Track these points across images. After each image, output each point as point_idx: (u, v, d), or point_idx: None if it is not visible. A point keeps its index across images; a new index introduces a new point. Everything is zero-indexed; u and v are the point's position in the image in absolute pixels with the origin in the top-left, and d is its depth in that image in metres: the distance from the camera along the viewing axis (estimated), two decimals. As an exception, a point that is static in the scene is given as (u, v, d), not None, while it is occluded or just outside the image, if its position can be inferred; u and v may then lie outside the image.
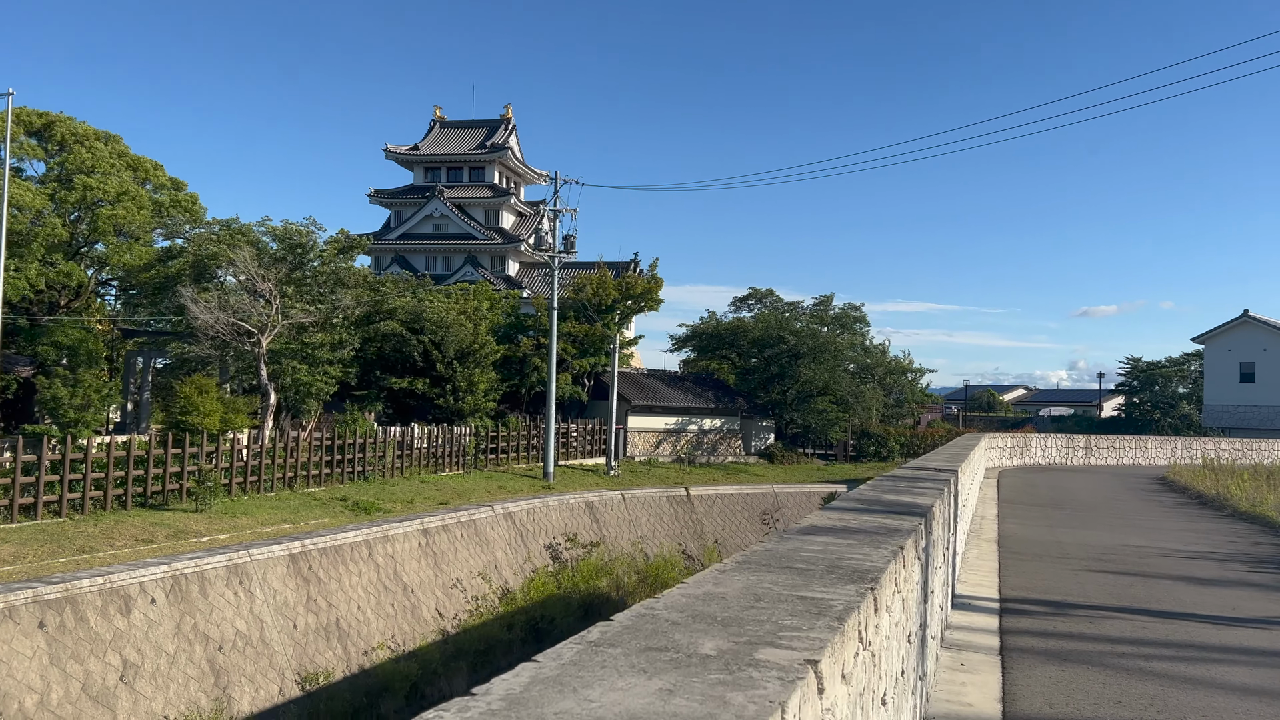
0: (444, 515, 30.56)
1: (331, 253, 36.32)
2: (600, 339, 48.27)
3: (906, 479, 7.28)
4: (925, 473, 7.89)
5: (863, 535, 4.05)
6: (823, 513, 4.84)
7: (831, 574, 2.94)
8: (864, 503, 5.41)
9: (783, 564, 3.12)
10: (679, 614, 2.27)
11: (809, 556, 3.33)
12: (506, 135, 74.00)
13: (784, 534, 4.02)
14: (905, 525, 4.48)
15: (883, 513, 4.98)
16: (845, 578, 2.90)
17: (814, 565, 3.10)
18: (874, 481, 6.63)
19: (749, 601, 2.44)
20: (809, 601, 2.52)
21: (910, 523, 4.57)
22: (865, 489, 6.28)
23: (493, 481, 38.98)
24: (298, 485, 31.11)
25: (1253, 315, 55.74)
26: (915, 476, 7.50)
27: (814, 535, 3.96)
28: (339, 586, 24.76)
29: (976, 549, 11.75)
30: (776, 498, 47.14)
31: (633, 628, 2.08)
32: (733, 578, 2.81)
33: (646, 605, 2.42)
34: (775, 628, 2.14)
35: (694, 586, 2.73)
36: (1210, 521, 17.97)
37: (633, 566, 36.67)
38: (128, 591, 19.24)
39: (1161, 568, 11.18)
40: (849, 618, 2.31)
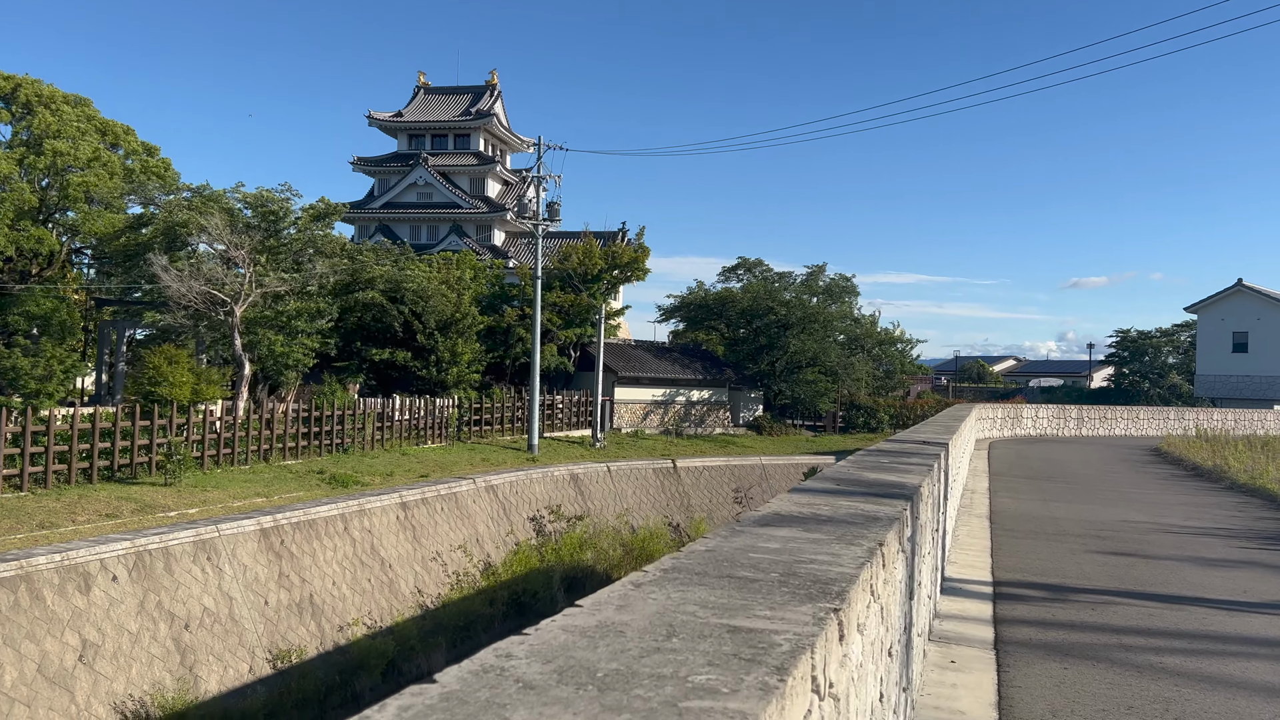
0: (424, 488, 29.89)
1: (307, 220, 35.36)
2: (586, 309, 47.47)
3: (891, 454, 6.57)
4: (913, 446, 7.19)
5: (834, 526, 3.30)
6: (790, 496, 4.10)
7: (785, 586, 2.20)
8: (840, 483, 4.67)
9: (723, 571, 2.37)
10: (542, 667, 1.50)
11: (760, 559, 2.58)
12: (492, 102, 72.67)
13: (737, 525, 3.27)
14: (887, 511, 3.74)
15: (861, 495, 4.25)
16: (802, 592, 2.15)
17: (764, 572, 2.36)
18: (855, 457, 5.92)
19: (657, 638, 1.69)
20: (743, 637, 1.76)
21: (893, 508, 3.84)
22: (844, 466, 5.56)
23: (476, 454, 38.31)
24: (273, 458, 30.37)
25: (1246, 284, 55.14)
26: (902, 451, 6.80)
27: (773, 527, 3.21)
28: (313, 562, 24.09)
29: (967, 526, 11.10)
30: (764, 469, 46.61)
31: (457, 698, 1.34)
32: (648, 596, 2.06)
33: (501, 651, 1.67)
34: (680, 691, 1.39)
35: (589, 612, 1.98)
36: (1209, 495, 17.39)
37: (618, 539, 36.12)
38: (88, 569, 18.52)
39: (1164, 546, 10.56)
40: (796, 664, 1.58)
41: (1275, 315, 53.76)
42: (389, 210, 68.97)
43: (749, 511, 3.96)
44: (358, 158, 71.65)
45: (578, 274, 48.38)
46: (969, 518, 11.87)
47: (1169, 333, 72.29)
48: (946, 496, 8.30)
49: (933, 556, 6.26)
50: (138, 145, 41.29)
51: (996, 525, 11.49)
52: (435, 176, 68.19)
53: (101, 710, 17.52)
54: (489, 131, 71.38)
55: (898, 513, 3.68)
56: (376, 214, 69.01)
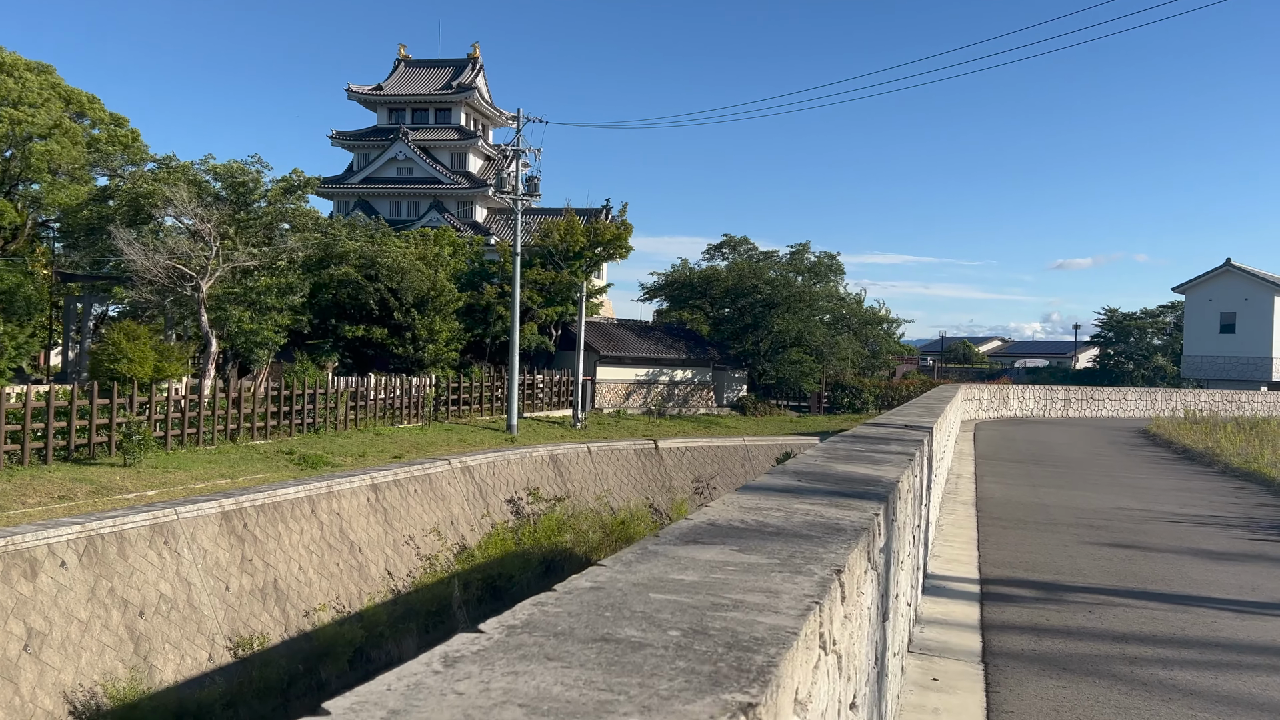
0: (396, 469, 29.11)
1: (278, 193, 34.32)
2: (568, 287, 46.60)
3: (869, 440, 5.82)
4: (893, 431, 6.46)
5: (782, 542, 2.53)
6: (737, 498, 3.32)
7: (683, 658, 1.42)
8: (803, 477, 3.89)
9: (599, 629, 1.57)
10: None
11: (662, 605, 1.79)
12: (474, 75, 71.33)
13: (652, 543, 2.50)
14: (853, 519, 2.96)
15: (826, 495, 3.47)
16: (706, 670, 1.37)
17: (660, 630, 1.58)
18: (826, 444, 5.17)
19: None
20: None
21: (862, 513, 3.07)
22: (812, 455, 4.79)
23: (453, 434, 37.52)
24: (241, 438, 29.50)
25: (1235, 264, 54.58)
26: (880, 437, 6.05)
27: (700, 545, 2.44)
28: (278, 545, 23.30)
29: (952, 514, 10.41)
30: (747, 450, 46.03)
31: None
32: (450, 690, 1.24)
33: None
34: None
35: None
36: (1203, 479, 16.78)
37: (597, 521, 35.46)
38: (34, 554, 17.68)
39: (1162, 536, 9.90)
40: None
41: (1263, 296, 53.29)
42: (368, 185, 67.73)
43: (693, 511, 3.14)
44: (336, 132, 70.27)
45: (559, 251, 47.45)
46: (954, 505, 11.17)
47: (1154, 314, 71.97)
48: (930, 486, 7.58)
49: (914, 558, 5.52)
50: (104, 115, 40.08)
51: (983, 513, 10.79)
52: (415, 151, 66.94)
53: (48, 701, 16.74)
54: (471, 106, 70.09)
55: (867, 520, 2.91)
56: (355, 189, 67.76)
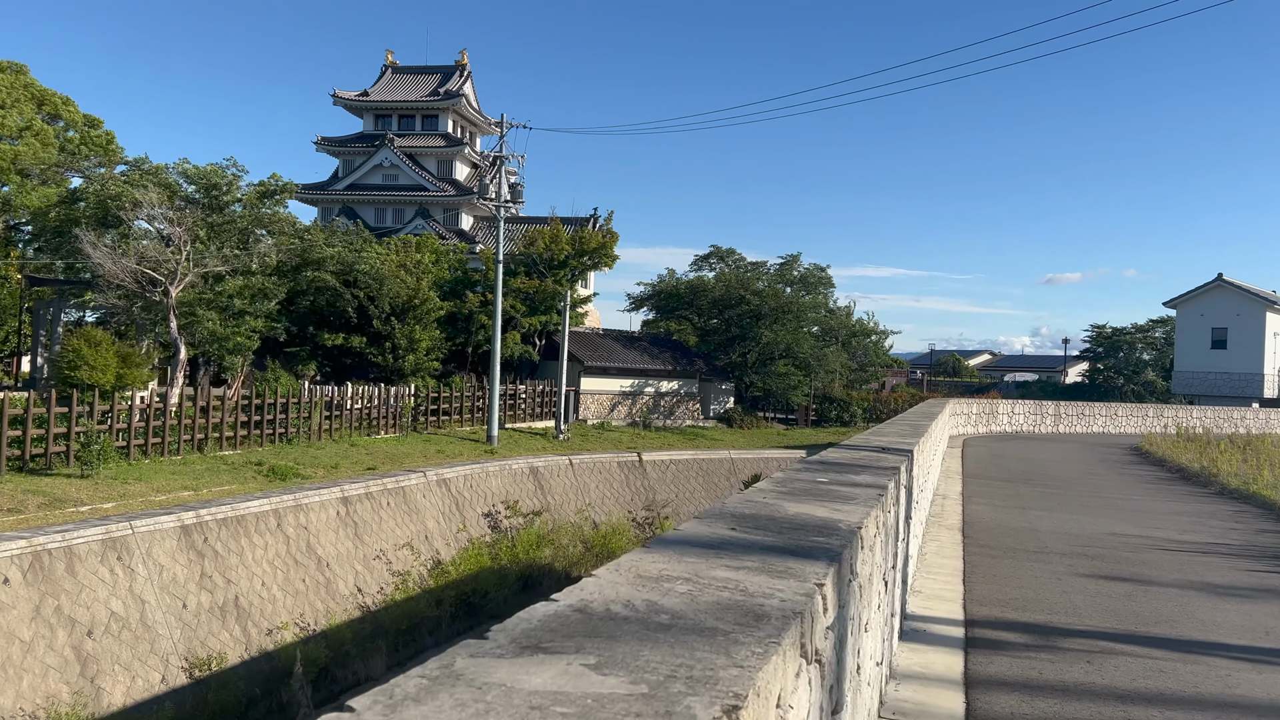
0: (369, 481, 28.24)
1: (253, 197, 33.49)
2: (552, 296, 45.83)
3: (838, 467, 5.06)
4: (868, 455, 5.71)
5: (668, 647, 1.73)
6: (641, 558, 2.58)
7: None
8: (742, 522, 3.13)
9: None
10: None
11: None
12: (461, 82, 70.68)
13: (462, 657, 1.62)
14: (786, 597, 2.17)
15: (763, 551, 2.73)
16: None
17: None
18: (786, 474, 4.42)
19: None
20: None
21: (802, 583, 2.30)
22: (763, 489, 4.02)
23: (431, 445, 36.68)
24: (209, 448, 28.61)
25: (1227, 279, 54.07)
26: (852, 462, 5.29)
27: (539, 658, 1.63)
28: (240, 561, 22.42)
29: (936, 541, 9.66)
30: (733, 463, 45.28)
31: None
32: None
33: None
34: None
35: None
36: (1200, 501, 16.05)
37: (578, 536, 34.66)
38: (-26, 571, 16.80)
39: (1162, 567, 9.17)
40: None
41: (1255, 312, 52.79)
42: (353, 192, 66.91)
43: (566, 590, 2.32)
44: (321, 137, 69.51)
45: (543, 259, 46.71)
46: (939, 529, 10.41)
47: (1144, 329, 71.56)
48: (910, 515, 6.81)
49: (886, 607, 4.74)
50: (78, 117, 39.25)
51: (970, 540, 10.04)
52: (401, 158, 66.19)
53: (-16, 728, 15.85)
54: (458, 113, 69.41)
55: (805, 596, 2.15)
56: (340, 195, 66.94)
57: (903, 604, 6.49)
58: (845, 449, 6.11)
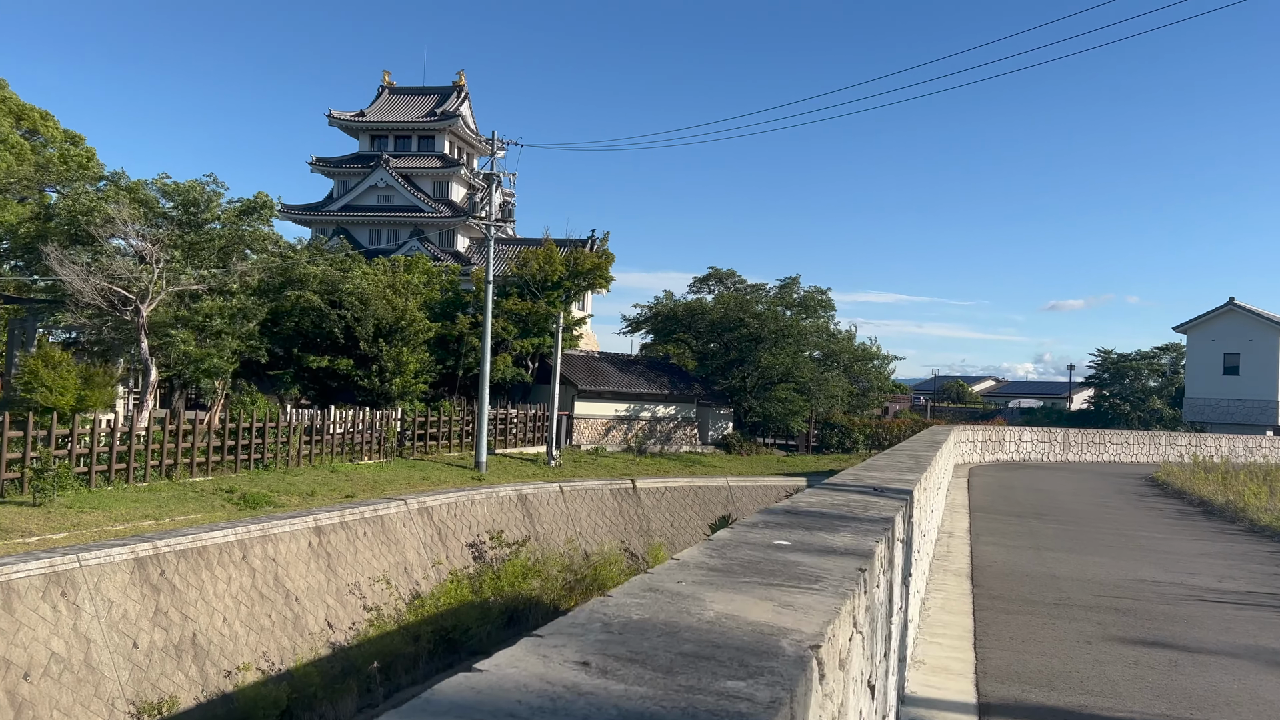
0: (344, 510, 26.91)
1: (233, 214, 32.38)
2: (545, 318, 44.62)
3: (813, 517, 3.76)
4: (855, 499, 4.44)
5: None
6: (495, 667, 1.06)
7: None
8: (616, 643, 1.80)
9: None
10: None
11: None
12: (459, 103, 69.95)
13: None
14: None
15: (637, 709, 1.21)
16: None
17: None
18: (734, 531, 3.15)
19: None
20: None
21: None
22: (693, 558, 2.74)
23: (416, 472, 35.34)
24: (179, 474, 27.32)
25: (1238, 303, 52.67)
26: (832, 511, 3.99)
27: None
28: (199, 595, 21.06)
29: (942, 591, 8.36)
30: (731, 491, 43.86)
31: None
32: None
33: None
34: None
35: None
36: (1231, 540, 14.70)
37: (567, 567, 33.23)
38: (-103, 609, 15.49)
39: (1207, 626, 7.87)
40: None
41: (1269, 336, 51.36)
42: (348, 213, 66.03)
43: None
44: (316, 158, 68.68)
45: (536, 281, 45.55)
46: (944, 576, 9.10)
47: (1150, 355, 70.25)
48: (910, 574, 5.50)
49: (874, 712, 3.43)
50: (58, 133, 38.28)
51: (980, 589, 8.72)
52: (396, 179, 65.32)
53: (-101, 783, 14.48)
54: (454, 134, 68.63)
55: None
56: (334, 216, 66.05)
57: (900, 689, 5.15)
58: (828, 490, 4.83)
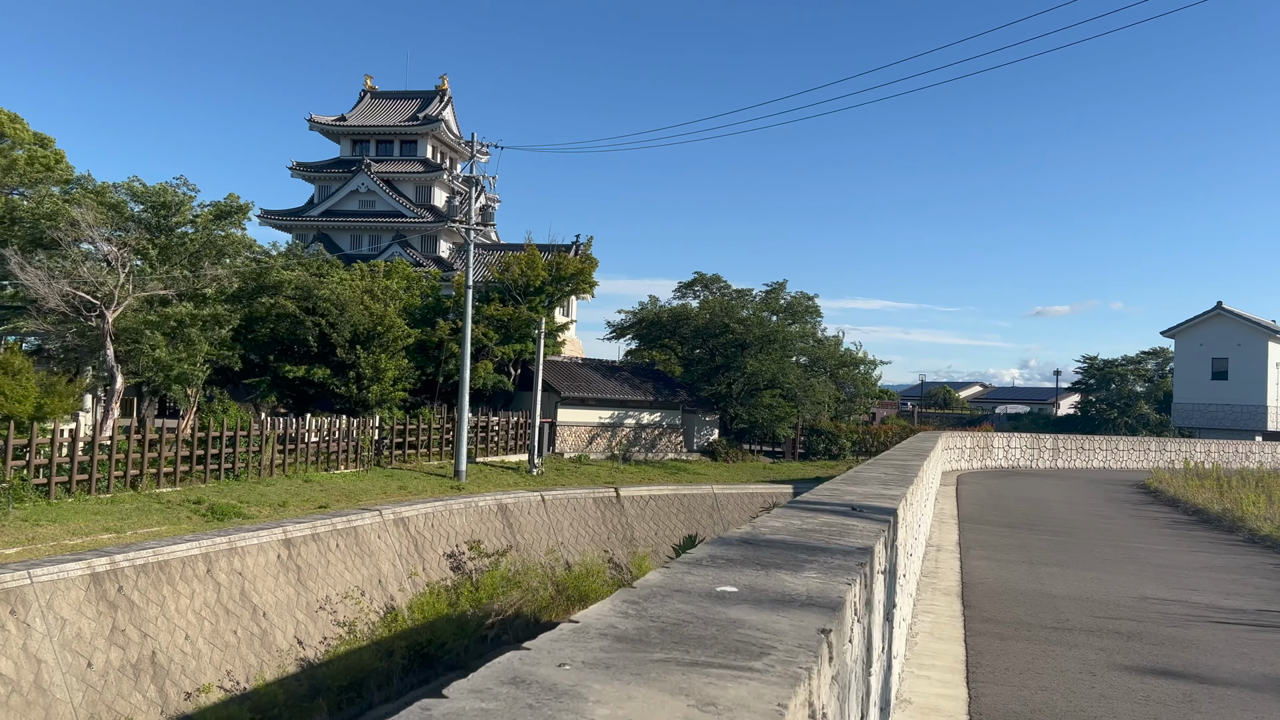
0: (316, 521, 26.10)
1: (206, 218, 31.56)
2: (527, 324, 43.89)
3: (773, 549, 3.05)
4: (829, 521, 3.76)
5: None
6: None
7: None
8: None
9: None
10: None
11: None
12: (441, 108, 69.17)
13: None
14: None
15: None
16: None
17: None
18: (664, 576, 2.47)
19: None
20: None
21: None
22: (601, 619, 1.99)
23: (393, 481, 34.51)
24: (145, 485, 26.46)
25: (1226, 308, 52.33)
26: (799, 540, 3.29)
27: None
28: (160, 612, 20.24)
29: (930, 613, 7.69)
30: (716, 499, 43.18)
31: None
32: None
33: None
34: None
35: None
36: (1232, 551, 14.09)
37: (549, 578, 32.48)
38: None
39: (1219, 651, 7.24)
40: None
41: (1257, 341, 51.02)
42: (329, 218, 65.14)
43: None
44: (297, 163, 67.76)
45: (519, 286, 44.83)
46: (933, 595, 8.43)
47: (1136, 360, 70.13)
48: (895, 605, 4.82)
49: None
50: (27, 135, 37.29)
51: (972, 610, 8.05)
52: (378, 184, 64.49)
53: None
54: (437, 138, 67.83)
55: None
56: (315, 222, 65.14)
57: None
58: (798, 511, 4.15)
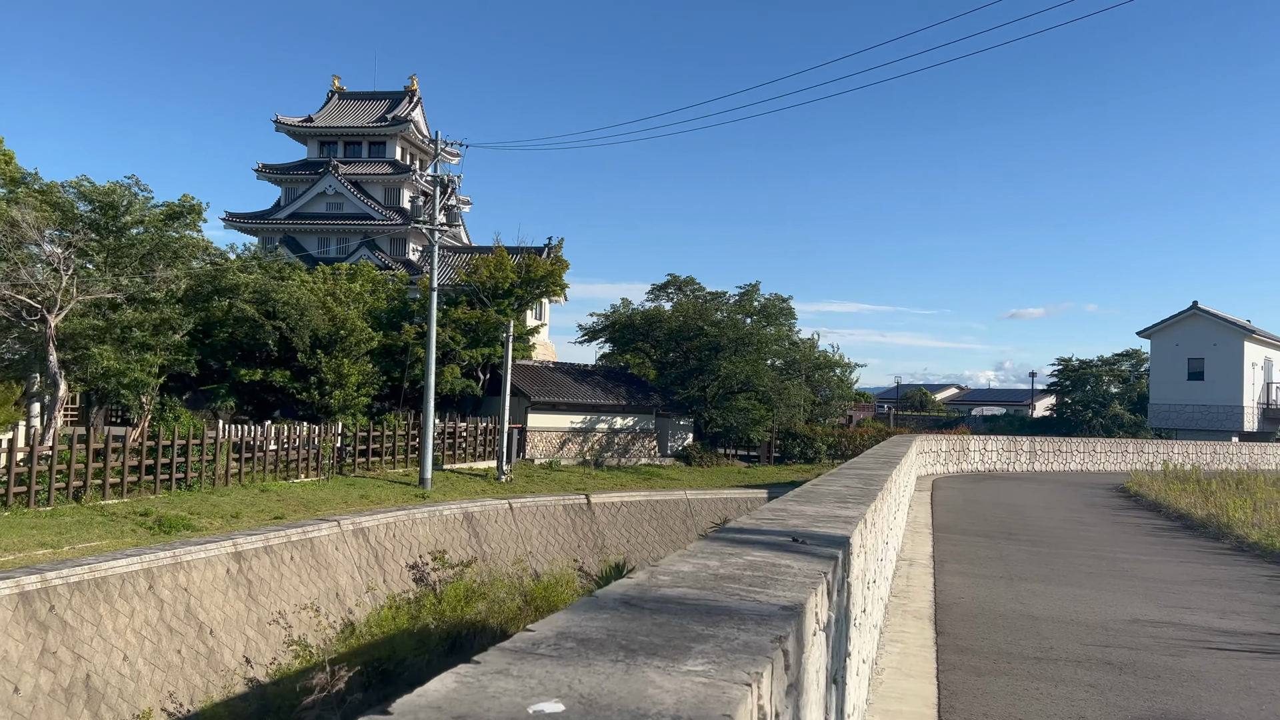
0: (269, 533, 25.04)
1: (156, 218, 30.42)
2: (495, 327, 42.91)
3: (677, 609, 2.17)
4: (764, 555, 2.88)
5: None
6: None
7: None
8: None
9: None
10: None
11: None
12: (410, 108, 68.14)
13: None
14: None
15: None
16: None
17: None
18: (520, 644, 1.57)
19: None
20: None
21: None
22: None
23: (355, 490, 33.44)
24: (89, 497, 25.32)
25: (1202, 308, 52.10)
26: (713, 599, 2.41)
27: None
28: (96, 632, 19.15)
29: (900, 642, 6.86)
30: (689, 505, 42.33)
31: None
32: None
33: None
34: None
35: None
36: (1221, 562, 13.36)
37: (517, 588, 31.49)
38: None
39: (1224, 686, 6.45)
40: None
41: (1233, 341, 50.80)
42: (295, 221, 63.92)
43: None
44: (262, 164, 66.49)
45: (487, 288, 43.85)
46: (903, 620, 7.58)
47: (1110, 362, 70.11)
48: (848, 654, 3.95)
49: None
50: (-27, 134, 35.98)
51: (946, 638, 7.21)
52: (346, 186, 63.35)
53: None
54: (406, 139, 66.78)
55: None
56: (282, 225, 63.91)
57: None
58: (719, 544, 3.27)
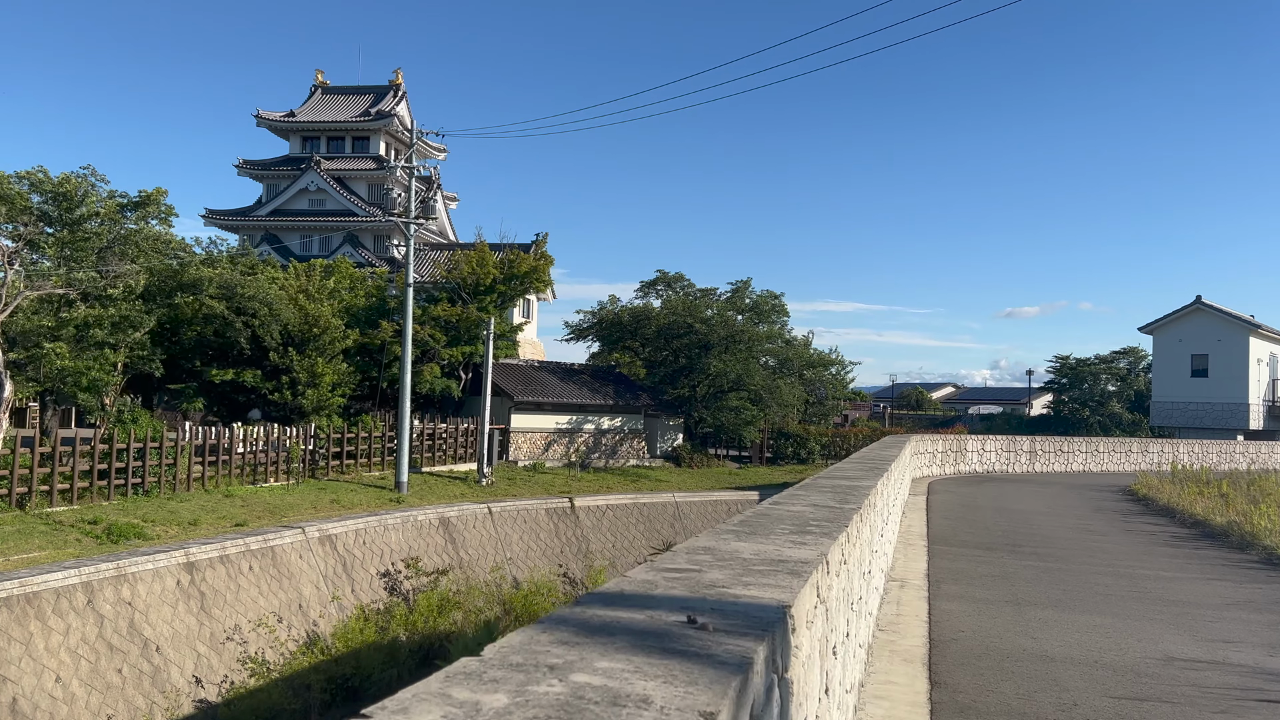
0: (226, 542, 23.60)
1: (111, 209, 28.97)
2: (476, 325, 41.47)
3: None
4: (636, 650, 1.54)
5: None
6: None
7: None
8: None
9: None
10: None
11: None
12: (395, 103, 66.67)
13: None
14: None
15: None
16: None
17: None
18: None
19: None
20: None
21: None
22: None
23: (326, 494, 32.02)
24: (35, 504, 23.88)
25: (1206, 302, 50.70)
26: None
27: None
28: (25, 651, 17.72)
29: (886, 699, 5.42)
30: (678, 508, 40.92)
31: None
32: None
33: None
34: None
35: None
36: (1255, 580, 11.90)
37: (495, 596, 30.10)
38: None
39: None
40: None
41: (1237, 337, 49.43)
42: (277, 218, 62.45)
43: None
44: (244, 160, 65.01)
45: (468, 285, 42.41)
46: (891, 663, 6.18)
47: (1108, 359, 68.91)
48: None
49: None
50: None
51: (943, 691, 5.78)
52: (329, 181, 61.89)
53: None
54: (391, 134, 65.35)
55: None
56: (263, 222, 62.44)
57: None
58: (550, 639, 1.89)
